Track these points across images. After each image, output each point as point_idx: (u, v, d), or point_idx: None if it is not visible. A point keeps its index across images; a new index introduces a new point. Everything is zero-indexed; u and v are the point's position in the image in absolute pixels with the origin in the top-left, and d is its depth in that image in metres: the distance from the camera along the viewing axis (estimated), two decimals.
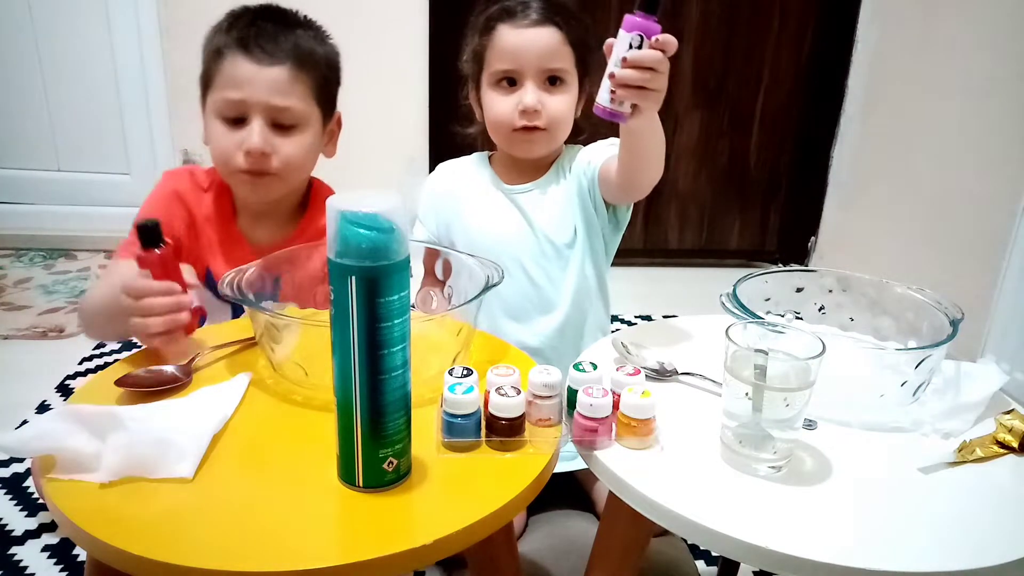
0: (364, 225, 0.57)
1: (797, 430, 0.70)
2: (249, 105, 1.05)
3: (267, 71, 1.05)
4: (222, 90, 1.06)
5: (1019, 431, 0.75)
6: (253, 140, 1.05)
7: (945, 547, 0.63)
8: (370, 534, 0.61)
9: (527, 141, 1.16)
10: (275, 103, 1.06)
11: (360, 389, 0.61)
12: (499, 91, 1.15)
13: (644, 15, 0.81)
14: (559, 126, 1.16)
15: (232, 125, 1.07)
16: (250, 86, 1.05)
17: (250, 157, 1.06)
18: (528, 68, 1.12)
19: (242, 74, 1.05)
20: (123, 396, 0.77)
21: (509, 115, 1.13)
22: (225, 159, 1.08)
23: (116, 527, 0.59)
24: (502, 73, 1.13)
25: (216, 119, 1.08)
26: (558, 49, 1.12)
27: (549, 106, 1.12)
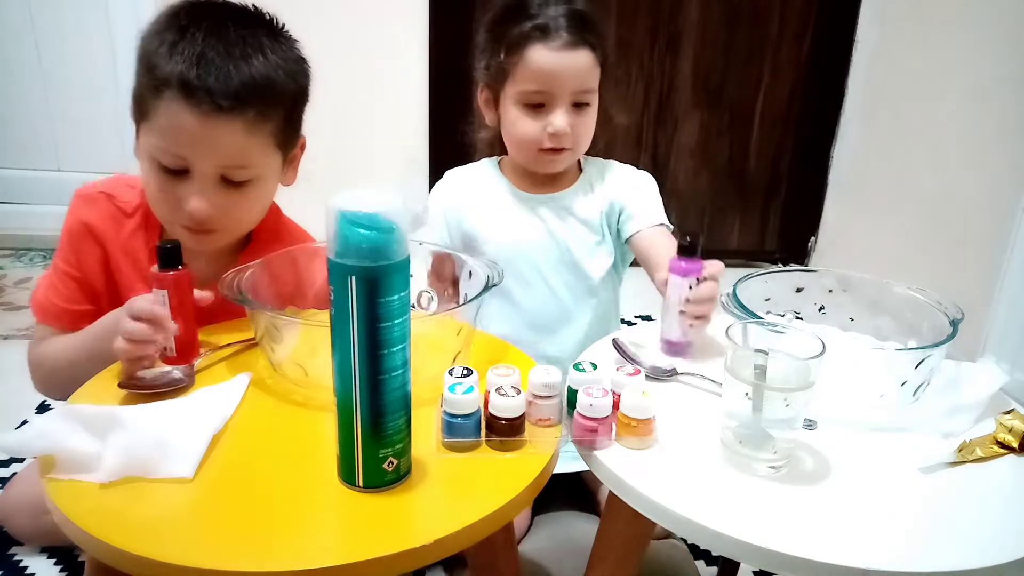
0: (364, 225, 0.57)
1: (797, 430, 0.70)
2: (193, 164, 0.88)
3: (218, 128, 0.86)
4: (159, 136, 0.88)
5: (1019, 431, 0.75)
6: (196, 205, 0.89)
7: (945, 547, 0.63)
8: (370, 534, 0.61)
9: (552, 160, 1.14)
10: (226, 163, 0.89)
11: (360, 389, 0.61)
12: (526, 112, 1.11)
13: (689, 259, 0.89)
14: (582, 145, 1.15)
15: (170, 176, 0.90)
16: (196, 145, 0.87)
17: (192, 219, 0.91)
18: (561, 93, 1.09)
19: (185, 128, 0.86)
20: (123, 396, 0.77)
21: (537, 137, 1.11)
22: (163, 211, 0.93)
23: (116, 527, 0.59)
24: (531, 95, 1.10)
25: (151, 163, 0.90)
26: (590, 72, 1.10)
27: (576, 128, 1.11)
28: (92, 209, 1.00)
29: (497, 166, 1.24)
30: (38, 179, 2.50)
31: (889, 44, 2.29)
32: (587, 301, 1.21)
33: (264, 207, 0.99)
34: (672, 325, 0.91)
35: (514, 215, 1.20)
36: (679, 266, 0.89)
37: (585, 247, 1.19)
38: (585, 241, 1.19)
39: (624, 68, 2.45)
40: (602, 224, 1.20)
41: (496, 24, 1.12)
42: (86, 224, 0.99)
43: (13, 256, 2.40)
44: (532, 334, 1.18)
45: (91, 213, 0.99)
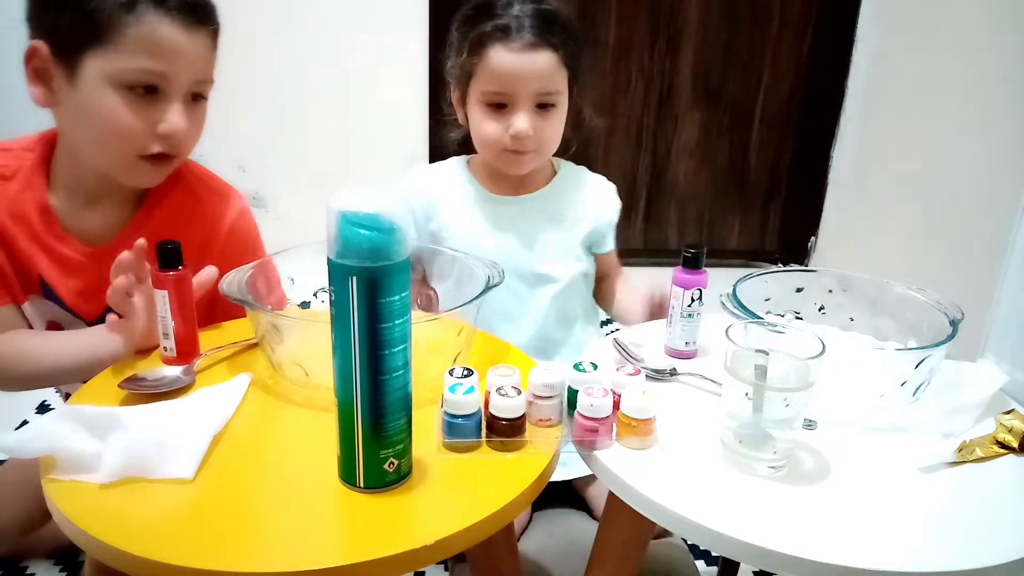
0: (365, 226, 0.57)
1: (797, 430, 0.70)
2: (172, 81, 0.88)
3: (194, 39, 0.88)
4: (134, 56, 0.85)
5: (1019, 431, 0.75)
6: (177, 123, 0.89)
7: (945, 547, 0.63)
8: (371, 535, 0.61)
9: (516, 161, 1.13)
10: (201, 76, 0.91)
11: (361, 390, 0.61)
12: (489, 112, 1.11)
13: (692, 271, 0.90)
14: (549, 147, 1.15)
15: (139, 98, 0.87)
16: (178, 58, 0.87)
17: (167, 141, 0.90)
18: (521, 94, 1.08)
19: (168, 41, 0.86)
20: (124, 397, 0.77)
21: (499, 137, 1.11)
22: (127, 141, 0.89)
23: (116, 527, 0.59)
24: (492, 96, 1.09)
25: (111, 89, 0.87)
26: (552, 74, 1.08)
27: (540, 131, 1.10)
28: None
29: (466, 165, 1.24)
30: None
31: (889, 44, 2.29)
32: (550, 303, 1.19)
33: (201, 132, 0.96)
34: (675, 335, 0.91)
35: (480, 215, 1.19)
36: (682, 278, 0.89)
37: (552, 251, 1.19)
38: (552, 246, 1.19)
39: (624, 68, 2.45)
40: (572, 232, 1.20)
41: (463, 23, 1.12)
42: None
43: None
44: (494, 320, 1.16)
45: None
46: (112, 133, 0.89)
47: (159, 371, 0.81)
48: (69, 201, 0.95)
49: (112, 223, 0.94)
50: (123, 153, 0.90)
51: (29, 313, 0.99)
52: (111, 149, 0.91)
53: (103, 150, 0.91)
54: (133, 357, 0.86)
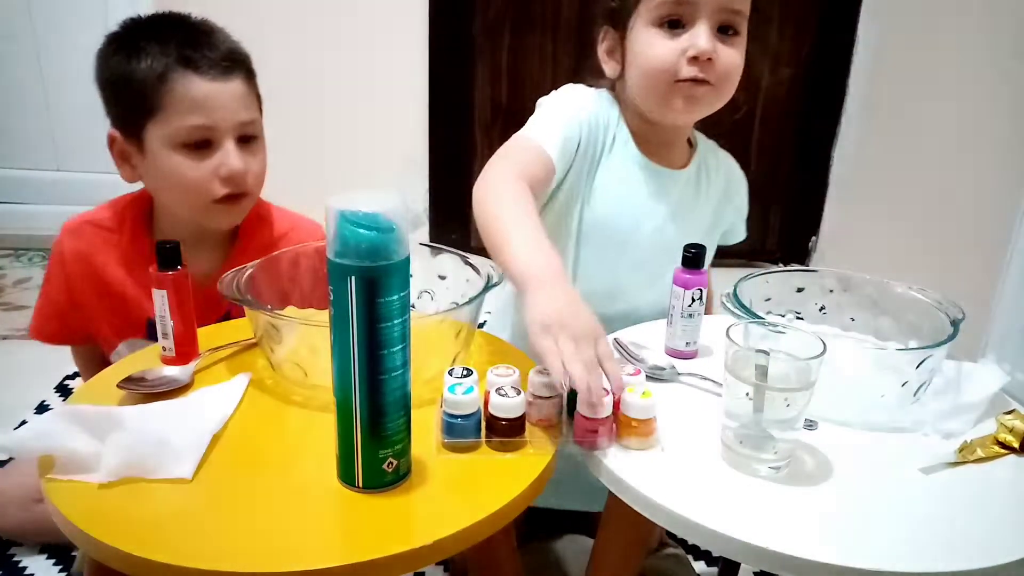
0: (364, 225, 0.57)
1: (798, 430, 0.70)
2: (217, 128, 1.00)
3: (226, 87, 1.00)
4: (180, 117, 0.98)
5: (1020, 431, 0.75)
6: (233, 163, 1.00)
7: (946, 547, 0.62)
8: (370, 535, 0.61)
9: (690, 97, 0.96)
10: (242, 119, 1.01)
11: (360, 389, 0.61)
12: (661, 33, 0.94)
13: (692, 271, 0.88)
14: (728, 87, 0.98)
15: (196, 152, 1.00)
16: (214, 107, 0.99)
17: (230, 182, 1.01)
18: (706, 6, 0.92)
19: (201, 95, 0.98)
20: (123, 396, 0.77)
21: (673, 62, 0.93)
22: (198, 192, 1.01)
23: (115, 528, 0.59)
24: (671, 6, 0.93)
25: (172, 150, 0.99)
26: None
27: (723, 58, 0.94)
28: (78, 239, 1.08)
29: (620, 118, 1.04)
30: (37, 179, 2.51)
31: (889, 44, 2.28)
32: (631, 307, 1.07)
33: (265, 168, 1.07)
34: (676, 335, 0.91)
35: (639, 181, 1.04)
36: (682, 278, 0.89)
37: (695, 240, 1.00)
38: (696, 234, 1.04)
39: None
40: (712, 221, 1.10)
41: None
42: (74, 253, 1.07)
43: (12, 256, 2.40)
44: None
45: (78, 243, 1.08)
46: (182, 187, 1.01)
47: (158, 371, 0.81)
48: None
49: (209, 265, 1.07)
50: (198, 201, 1.02)
51: (124, 352, 1.08)
52: (187, 200, 1.03)
53: (182, 202, 1.04)
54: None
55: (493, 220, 0.82)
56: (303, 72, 2.31)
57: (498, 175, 0.89)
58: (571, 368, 0.68)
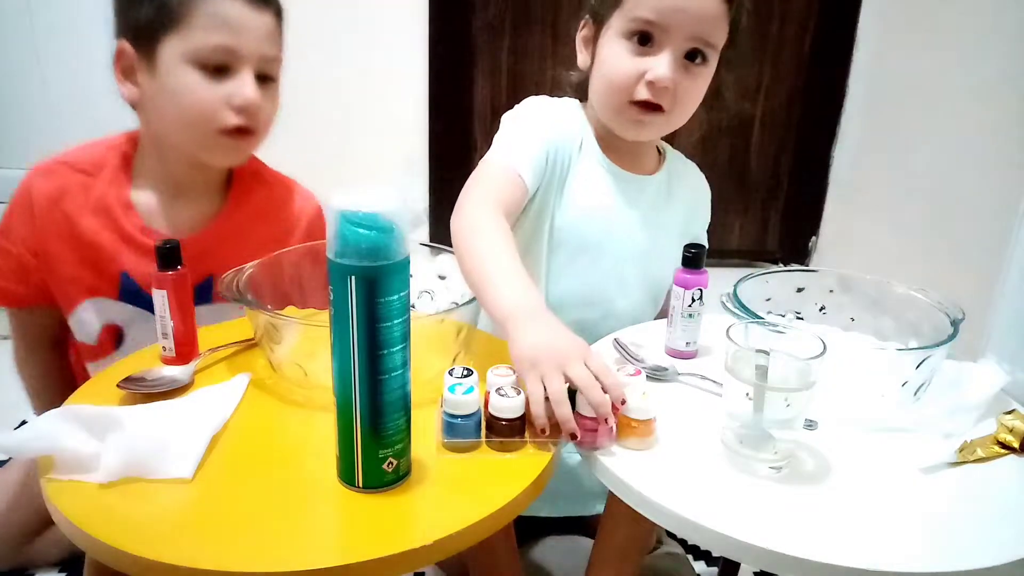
0: (364, 225, 0.57)
1: (798, 430, 0.70)
2: (239, 54, 0.93)
3: (259, 15, 0.95)
4: (204, 33, 0.92)
5: (1020, 431, 0.75)
6: (249, 93, 0.93)
7: (946, 547, 0.62)
8: (370, 535, 0.61)
9: (638, 121, 0.96)
10: (267, 52, 0.95)
11: (360, 389, 0.61)
12: (629, 47, 0.93)
13: (692, 271, 0.89)
14: (681, 115, 0.98)
15: (213, 75, 0.93)
16: (243, 31, 0.93)
17: (243, 113, 0.94)
18: (675, 31, 0.90)
19: (233, 15, 0.92)
20: (123, 396, 0.77)
21: (632, 81, 0.93)
22: (206, 116, 0.94)
23: (115, 527, 0.59)
24: (642, 24, 0.91)
25: (188, 67, 0.93)
26: (716, 20, 0.92)
27: (681, 88, 0.93)
28: (50, 181, 0.99)
29: (587, 123, 1.05)
30: None
31: (890, 44, 2.28)
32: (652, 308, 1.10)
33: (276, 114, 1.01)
34: (676, 335, 0.91)
35: (608, 186, 1.02)
36: (683, 278, 0.89)
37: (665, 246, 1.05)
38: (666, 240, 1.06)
39: None
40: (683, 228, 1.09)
41: None
42: (44, 196, 0.98)
43: None
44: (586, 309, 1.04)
45: (49, 185, 0.99)
46: (193, 108, 0.94)
47: (158, 371, 0.81)
48: (155, 196, 0.99)
49: (198, 216, 1.00)
50: (204, 128, 0.95)
51: (86, 317, 1.00)
52: (193, 126, 0.95)
53: (186, 127, 0.96)
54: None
55: (472, 257, 0.83)
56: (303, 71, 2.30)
57: (474, 206, 0.89)
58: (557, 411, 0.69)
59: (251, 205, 1.04)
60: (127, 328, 1.02)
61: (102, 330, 1.02)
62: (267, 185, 1.07)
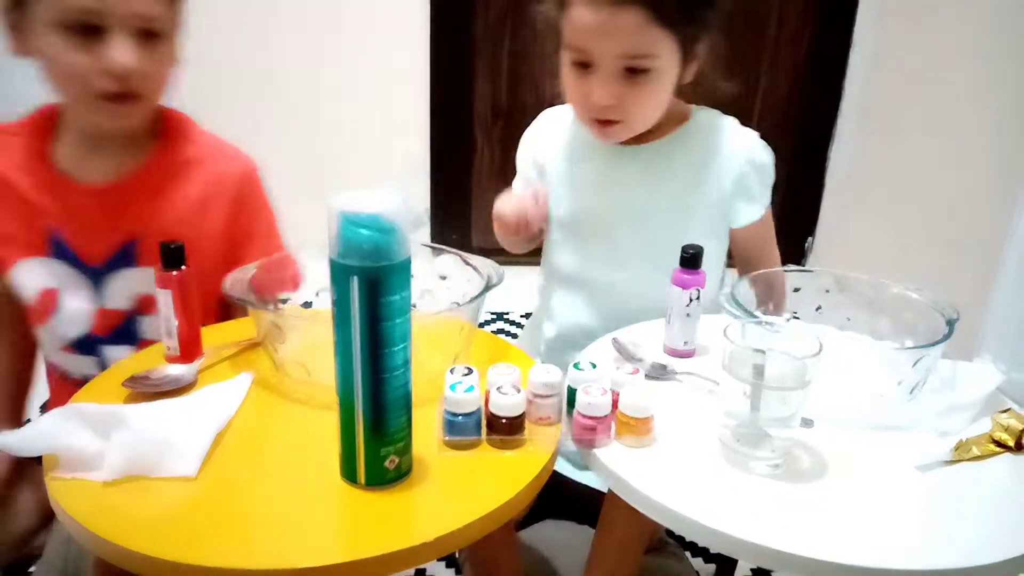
0: (366, 226, 0.58)
1: (794, 429, 0.71)
2: (106, 13, 0.85)
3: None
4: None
5: (1015, 430, 0.75)
6: (120, 58, 0.86)
7: (942, 545, 0.63)
8: (372, 531, 0.62)
9: (602, 132, 0.99)
10: (139, 10, 0.87)
11: (362, 388, 0.62)
12: (574, 72, 0.97)
13: (691, 271, 0.89)
14: (640, 120, 0.99)
15: (81, 39, 0.86)
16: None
17: (116, 79, 0.87)
18: (603, 56, 0.92)
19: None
20: (127, 395, 0.77)
21: (582, 103, 0.97)
22: (78, 83, 0.88)
23: (119, 525, 0.60)
24: (574, 54, 0.95)
25: (54, 31, 0.86)
26: (641, 36, 0.90)
27: (625, 100, 0.94)
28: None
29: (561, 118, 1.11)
30: None
31: (887, 45, 2.29)
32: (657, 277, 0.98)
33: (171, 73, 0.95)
34: (675, 335, 0.91)
35: (591, 170, 1.05)
36: (680, 278, 0.90)
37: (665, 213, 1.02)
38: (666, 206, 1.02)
39: None
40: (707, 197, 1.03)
41: None
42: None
43: None
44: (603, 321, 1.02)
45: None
46: (62, 75, 0.89)
47: (162, 369, 0.81)
48: (72, 147, 0.97)
49: (118, 168, 0.96)
50: (79, 93, 0.90)
51: (23, 281, 0.99)
52: (68, 91, 0.91)
53: (64, 93, 0.92)
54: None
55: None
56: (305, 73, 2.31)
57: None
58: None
59: (174, 162, 0.99)
60: (63, 291, 0.99)
61: (41, 293, 1.00)
62: (193, 144, 1.02)
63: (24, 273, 0.99)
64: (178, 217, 0.96)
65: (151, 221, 0.92)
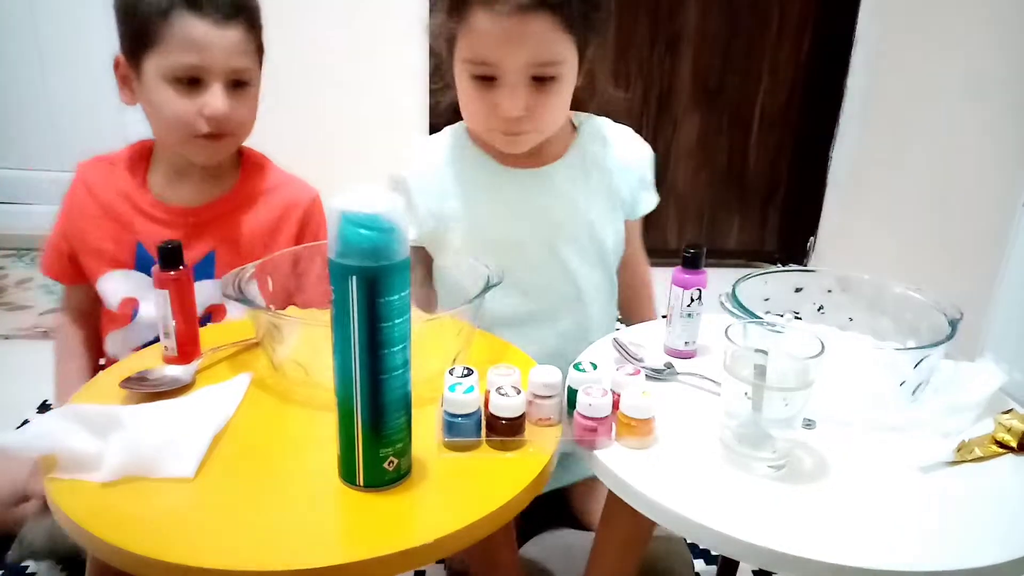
0: (365, 225, 0.58)
1: (796, 429, 0.70)
2: (207, 69, 1.04)
3: (224, 32, 1.03)
4: (175, 53, 1.03)
5: (1018, 430, 0.75)
6: (217, 105, 1.04)
7: (944, 546, 0.63)
8: (371, 533, 0.61)
9: (511, 142, 0.99)
10: (234, 65, 1.05)
11: (361, 389, 0.62)
12: (475, 85, 0.94)
13: (691, 271, 0.89)
14: (549, 126, 0.99)
15: (186, 89, 1.05)
16: (209, 50, 1.03)
17: (212, 121, 1.05)
18: (510, 68, 0.90)
19: (198, 36, 1.02)
20: (125, 396, 0.77)
21: (486, 116, 0.96)
22: (181, 125, 1.06)
23: (117, 526, 0.60)
24: (476, 67, 0.92)
25: (164, 83, 1.04)
26: (550, 41, 0.90)
27: (537, 110, 0.94)
28: (88, 170, 1.17)
29: (466, 133, 1.07)
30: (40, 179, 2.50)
31: (888, 44, 2.29)
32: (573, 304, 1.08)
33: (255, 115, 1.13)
34: (675, 334, 0.91)
35: (497, 196, 1.04)
36: (682, 278, 0.90)
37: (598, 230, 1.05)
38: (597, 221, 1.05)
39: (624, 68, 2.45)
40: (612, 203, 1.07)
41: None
42: (83, 182, 1.15)
43: (15, 256, 2.40)
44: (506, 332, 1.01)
45: (87, 173, 1.16)
46: (169, 119, 1.06)
47: (160, 370, 0.81)
48: (165, 177, 1.14)
49: (203, 194, 1.13)
50: (181, 134, 1.07)
51: (107, 289, 1.14)
52: (173, 132, 1.08)
53: (168, 133, 1.09)
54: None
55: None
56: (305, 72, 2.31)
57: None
58: None
59: (251, 191, 1.16)
60: (142, 300, 1.13)
61: (123, 301, 1.13)
62: (267, 176, 1.19)
63: (109, 283, 1.14)
64: (252, 236, 1.12)
65: (229, 239, 1.10)
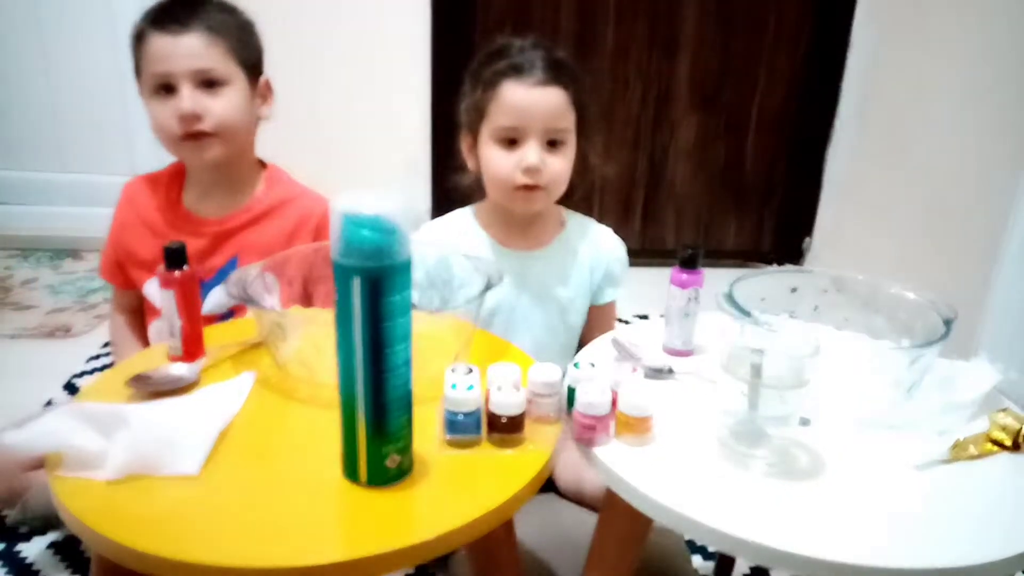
0: (367, 227, 0.59)
1: (792, 428, 0.71)
2: (173, 74, 1.13)
3: (183, 40, 1.14)
4: (149, 67, 1.15)
5: (1012, 429, 0.76)
6: (184, 103, 1.12)
7: (939, 543, 0.63)
8: (373, 530, 0.62)
9: (526, 198, 1.16)
10: (196, 66, 1.14)
11: (363, 387, 0.62)
12: (501, 147, 1.14)
13: (689, 271, 0.92)
14: (557, 185, 1.17)
15: (165, 96, 1.14)
16: (171, 57, 1.13)
17: (184, 121, 1.13)
18: (532, 128, 1.12)
19: (161, 48, 1.14)
20: (129, 394, 0.78)
21: (510, 172, 1.13)
22: (165, 131, 1.15)
23: (122, 524, 0.60)
24: (505, 131, 1.13)
25: (150, 97, 1.16)
26: (562, 111, 1.14)
27: (550, 166, 1.13)
28: (132, 187, 1.28)
29: (474, 216, 1.26)
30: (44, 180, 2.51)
31: (884, 47, 2.30)
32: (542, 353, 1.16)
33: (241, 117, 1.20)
34: (673, 334, 0.92)
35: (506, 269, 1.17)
36: (679, 278, 0.90)
37: (568, 306, 1.23)
38: (568, 299, 1.23)
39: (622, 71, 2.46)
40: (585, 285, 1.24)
41: (478, 66, 1.19)
42: (128, 198, 1.27)
43: (20, 256, 2.40)
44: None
45: (131, 190, 1.28)
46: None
47: (165, 369, 0.82)
48: (195, 191, 1.25)
49: (227, 207, 1.24)
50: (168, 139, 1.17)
51: (150, 292, 1.26)
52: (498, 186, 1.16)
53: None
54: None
55: None
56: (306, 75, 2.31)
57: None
58: None
59: (269, 202, 1.25)
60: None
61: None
62: (284, 188, 1.29)
63: (152, 287, 1.25)
64: (271, 244, 1.18)
65: (250, 245, 1.20)
